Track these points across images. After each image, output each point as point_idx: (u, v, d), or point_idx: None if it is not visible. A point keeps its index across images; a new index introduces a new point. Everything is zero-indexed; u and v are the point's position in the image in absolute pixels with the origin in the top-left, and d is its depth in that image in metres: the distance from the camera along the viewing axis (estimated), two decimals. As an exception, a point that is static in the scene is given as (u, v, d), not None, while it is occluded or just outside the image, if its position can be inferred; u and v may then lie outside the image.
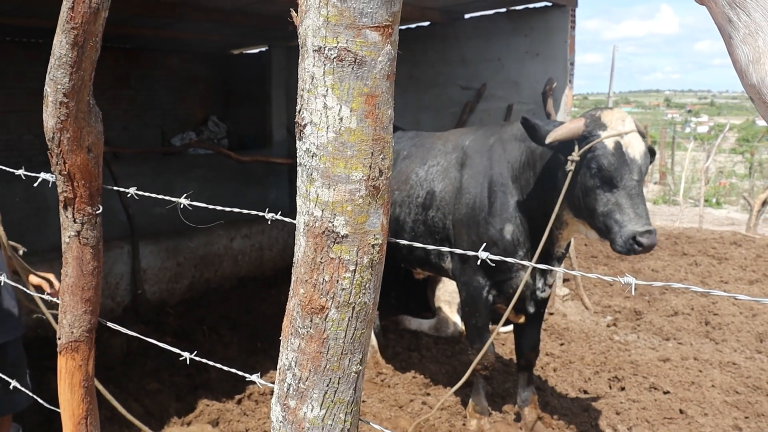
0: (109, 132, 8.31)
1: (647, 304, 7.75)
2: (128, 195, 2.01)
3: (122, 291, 7.14)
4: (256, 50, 10.69)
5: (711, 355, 6.19)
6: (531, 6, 7.57)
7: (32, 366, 5.57)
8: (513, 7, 7.69)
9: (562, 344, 6.54)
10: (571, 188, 3.92)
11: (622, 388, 5.55)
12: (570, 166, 3.84)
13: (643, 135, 3.93)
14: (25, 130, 8.15)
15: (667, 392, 5.46)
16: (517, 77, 7.75)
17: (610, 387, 5.60)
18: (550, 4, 7.32)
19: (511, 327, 6.65)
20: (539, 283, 4.57)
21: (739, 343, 6.53)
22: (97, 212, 1.92)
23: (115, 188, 2.17)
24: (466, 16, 8.20)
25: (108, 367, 5.57)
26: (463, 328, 6.73)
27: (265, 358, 5.95)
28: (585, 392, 5.49)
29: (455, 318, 6.77)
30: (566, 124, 3.91)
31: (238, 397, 5.32)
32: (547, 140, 3.87)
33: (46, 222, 7.17)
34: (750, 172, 20.37)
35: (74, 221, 1.88)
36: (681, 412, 5.13)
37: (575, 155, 3.82)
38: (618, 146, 3.77)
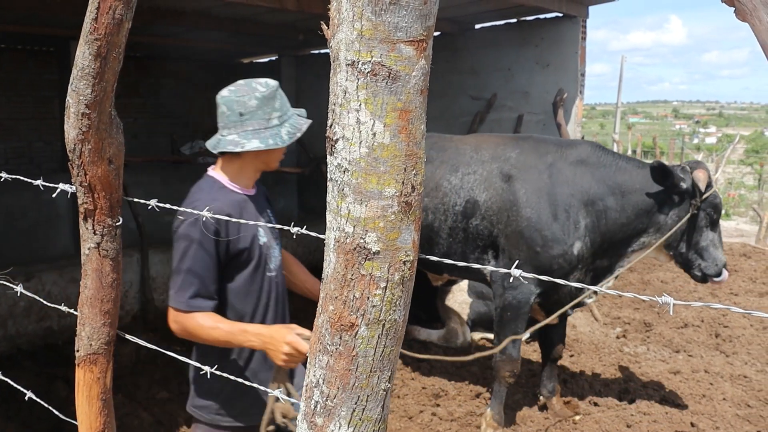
0: (119, 140, 8.36)
1: (657, 315, 7.72)
2: (149, 207, 2.00)
3: (131, 299, 7.14)
4: (266, 59, 10.71)
5: (722, 368, 6.15)
6: (542, 17, 7.58)
7: (40, 374, 5.58)
8: (523, 18, 7.69)
9: (572, 356, 6.51)
10: (673, 219, 4.69)
11: (633, 401, 5.52)
12: (693, 210, 4.59)
13: None
14: (36, 138, 8.16)
15: (678, 405, 5.42)
16: (528, 87, 7.75)
17: (621, 399, 5.57)
18: (560, 15, 7.32)
19: (525, 336, 6.69)
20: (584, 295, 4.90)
21: (749, 356, 6.49)
22: (117, 224, 1.91)
23: (135, 200, 2.16)
24: (477, 26, 8.21)
25: (117, 376, 5.48)
26: (472, 338, 6.72)
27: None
28: (595, 404, 5.46)
29: (464, 328, 6.75)
30: (699, 174, 4.58)
31: (248, 406, 5.30)
32: (701, 188, 4.57)
33: (57, 229, 7.18)
34: (759, 183, 20.32)
35: (94, 233, 1.87)
36: (692, 425, 5.09)
37: (707, 194, 4.61)
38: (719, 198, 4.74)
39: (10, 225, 6.83)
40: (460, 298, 6.87)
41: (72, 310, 2.09)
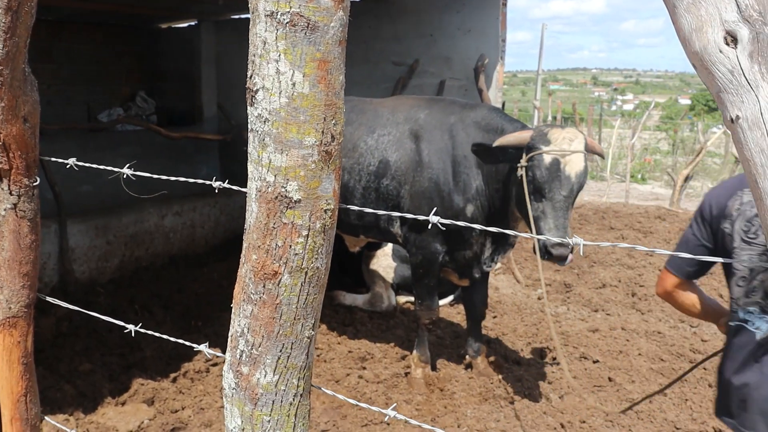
0: (33, 108, 8.08)
1: (576, 277, 7.94)
2: (67, 167, 1.96)
3: (50, 271, 6.96)
4: (185, 25, 10.48)
5: (638, 325, 6.38)
6: (463, -18, 7.61)
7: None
8: (445, -17, 7.71)
9: (494, 317, 6.66)
10: (517, 191, 4.45)
11: (554, 358, 5.69)
12: (520, 171, 4.28)
13: (594, 152, 4.49)
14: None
15: (597, 361, 5.61)
16: (450, 53, 7.80)
17: (542, 357, 5.74)
18: (482, -20, 7.37)
19: (449, 299, 6.84)
20: (487, 258, 5.07)
21: (663, 314, 6.75)
22: (35, 184, 1.87)
23: (53, 159, 2.12)
24: (399, -9, 8.20)
25: (38, 349, 5.35)
26: (396, 302, 6.80)
27: (199, 336, 5.88)
28: (518, 363, 5.61)
29: (389, 293, 6.82)
30: (516, 133, 4.39)
31: (173, 375, 5.27)
32: (495, 144, 4.38)
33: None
34: (673, 148, 20.96)
35: (10, 193, 1.83)
36: (610, 379, 5.29)
37: (523, 161, 4.25)
38: (555, 162, 4.18)
39: None
40: (384, 262, 6.93)
41: (-11, 274, 2.04)
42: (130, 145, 8.60)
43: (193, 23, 10.09)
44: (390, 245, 6.88)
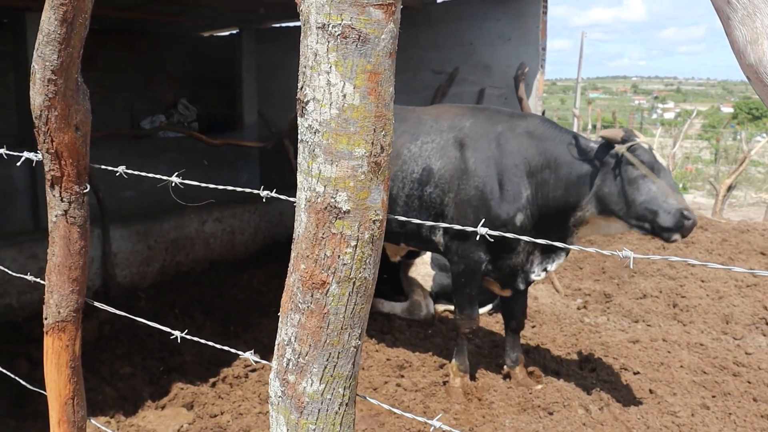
0: (78, 114, 8.20)
1: (616, 287, 7.86)
2: (117, 174, 2.00)
3: (93, 275, 7.07)
4: (227, 33, 10.61)
5: (679, 337, 6.30)
6: (503, -9, 7.60)
7: (1, 351, 5.53)
8: (485, -8, 7.70)
9: (533, 326, 6.61)
10: (603, 186, 4.63)
11: (593, 370, 5.64)
12: (612, 159, 4.57)
13: None
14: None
15: (637, 373, 5.55)
16: (489, 61, 7.78)
17: (581, 368, 5.68)
18: (522, -11, 7.35)
19: (488, 308, 6.81)
20: (535, 268, 5.08)
21: (705, 325, 6.65)
22: (85, 191, 1.91)
23: (103, 167, 2.16)
24: (438, 0, 8.21)
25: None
26: (434, 310, 6.79)
27: (238, 342, 5.93)
28: (557, 374, 5.56)
29: (428, 301, 6.81)
30: (610, 130, 4.69)
31: (212, 380, 5.32)
32: (600, 134, 4.69)
33: (15, 205, 7.08)
34: (715, 157, 20.66)
35: (62, 200, 1.87)
36: (651, 392, 5.22)
37: (622, 148, 4.52)
38: (651, 148, 4.59)
39: (-34, 201, 6.73)
40: (423, 270, 6.93)
41: (39, 279, 2.08)
42: (172, 151, 8.71)
43: (234, 31, 10.20)
44: (428, 253, 6.88)
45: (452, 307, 6.87)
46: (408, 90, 8.30)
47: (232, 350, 1.81)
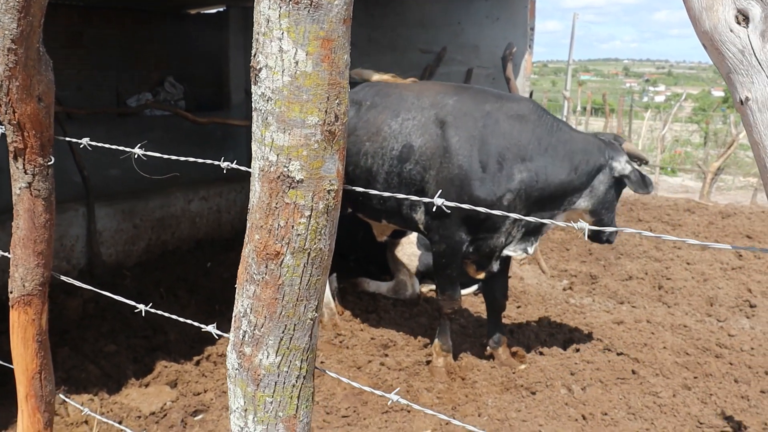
0: (62, 92, 8.09)
1: (603, 268, 7.87)
2: (80, 146, 1.97)
3: (78, 253, 7.04)
4: (214, 10, 10.51)
5: (663, 318, 6.32)
6: (492, -31, 7.54)
7: (-16, 329, 5.51)
8: (474, -29, 7.64)
9: (518, 307, 6.62)
10: (606, 192, 4.94)
11: (577, 350, 5.65)
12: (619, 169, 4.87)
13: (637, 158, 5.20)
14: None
15: (621, 353, 5.56)
16: (477, 41, 7.74)
17: (565, 348, 5.69)
18: (510, -33, 7.30)
19: (473, 288, 6.80)
20: (515, 247, 5.13)
21: (690, 307, 6.67)
22: (49, 163, 1.88)
23: (67, 139, 2.13)
24: (427, -22, 8.15)
25: (64, 330, 5.51)
26: (420, 290, 6.79)
27: (223, 320, 5.85)
28: (541, 353, 5.57)
29: (413, 281, 6.81)
30: (629, 146, 5.01)
31: (196, 358, 5.31)
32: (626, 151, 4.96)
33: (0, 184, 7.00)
34: (705, 141, 20.67)
35: (25, 172, 1.84)
36: (633, 372, 5.23)
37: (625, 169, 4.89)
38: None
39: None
40: (409, 250, 6.92)
41: (5, 253, 2.06)
42: (158, 130, 8.64)
43: (221, 9, 10.11)
44: (415, 233, 6.87)
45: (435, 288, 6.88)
46: (395, 69, 8.21)
47: (196, 324, 1.80)
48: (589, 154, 4.85)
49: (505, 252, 5.10)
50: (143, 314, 2.04)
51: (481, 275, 5.29)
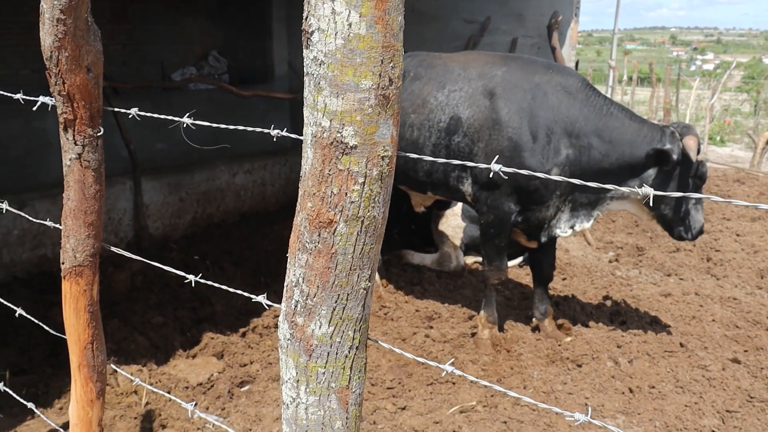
0: (108, 67, 8.15)
1: (649, 240, 7.75)
2: (129, 116, 1.97)
3: (125, 227, 7.13)
4: (256, -17, 10.48)
5: (712, 291, 6.21)
6: (537, -64, 7.41)
7: (36, 301, 5.62)
8: (519, -62, 7.52)
9: (564, 279, 6.56)
10: (663, 184, 4.76)
11: (624, 322, 5.58)
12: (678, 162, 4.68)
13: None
14: (22, 65, 8.02)
15: (668, 326, 5.48)
16: (522, 10, 7.63)
17: (612, 321, 5.63)
18: (556, -66, 7.15)
19: (518, 260, 6.76)
20: (562, 224, 5.05)
21: (740, 279, 6.55)
22: (99, 134, 1.88)
23: (116, 109, 2.13)
24: (471, -54, 8.03)
25: (113, 302, 5.59)
26: (464, 262, 6.75)
27: (269, 292, 5.89)
28: (587, 326, 5.52)
29: (458, 252, 6.78)
30: (690, 142, 4.63)
31: (242, 330, 5.36)
32: (693, 157, 4.64)
33: (48, 158, 7.11)
34: (755, 110, 20.16)
35: (75, 143, 1.84)
36: (681, 345, 5.16)
37: (699, 157, 4.67)
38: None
39: (0, 154, 6.77)
40: (453, 222, 6.88)
41: (57, 225, 2.07)
42: (202, 103, 8.68)
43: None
44: (460, 205, 6.82)
45: (481, 259, 6.85)
46: (440, 39, 8.17)
47: (246, 294, 1.79)
48: (636, 147, 4.72)
49: (555, 231, 5.06)
50: (193, 285, 2.04)
51: (533, 244, 5.26)
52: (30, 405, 2.90)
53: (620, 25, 11.65)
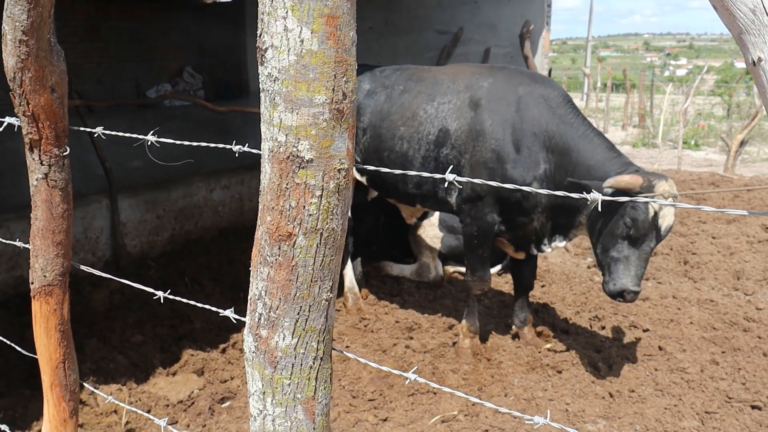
0: (83, 85, 8.15)
1: (627, 244, 7.81)
2: (96, 135, 1.97)
3: (102, 245, 7.09)
4: (230, -1, 10.50)
5: (689, 294, 6.27)
6: (507, -54, 7.48)
7: (12, 322, 5.58)
8: (489, -51, 7.59)
9: (543, 286, 6.60)
10: (596, 220, 4.50)
11: (603, 327, 5.63)
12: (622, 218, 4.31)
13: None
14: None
15: (647, 330, 5.53)
16: (494, 20, 7.69)
17: (591, 326, 5.67)
18: (526, -56, 7.23)
19: (497, 268, 6.78)
20: (546, 239, 4.99)
21: (716, 281, 6.61)
22: (65, 154, 1.89)
23: (81, 129, 2.14)
24: (442, -42, 8.10)
25: (91, 322, 5.56)
26: (443, 272, 6.78)
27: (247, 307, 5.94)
28: (566, 332, 5.55)
29: (436, 263, 6.80)
30: (627, 177, 4.24)
31: (222, 346, 5.34)
32: (607, 185, 4.26)
33: (23, 178, 7.04)
34: (728, 113, 20.40)
35: (41, 163, 1.85)
36: (660, 348, 5.21)
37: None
38: (656, 215, 4.22)
39: (-26, 175, 6.73)
40: (431, 232, 6.91)
41: (26, 245, 2.07)
42: (178, 120, 8.66)
43: (237, -3, 10.10)
44: (437, 215, 6.85)
45: (461, 269, 6.88)
46: (413, 51, 8.22)
47: (214, 309, 1.80)
48: (594, 173, 4.48)
49: (542, 246, 5.00)
50: (165, 303, 2.04)
51: (521, 255, 5.27)
52: (4, 428, 2.88)
53: (594, 32, 11.78)
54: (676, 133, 15.54)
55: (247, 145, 1.84)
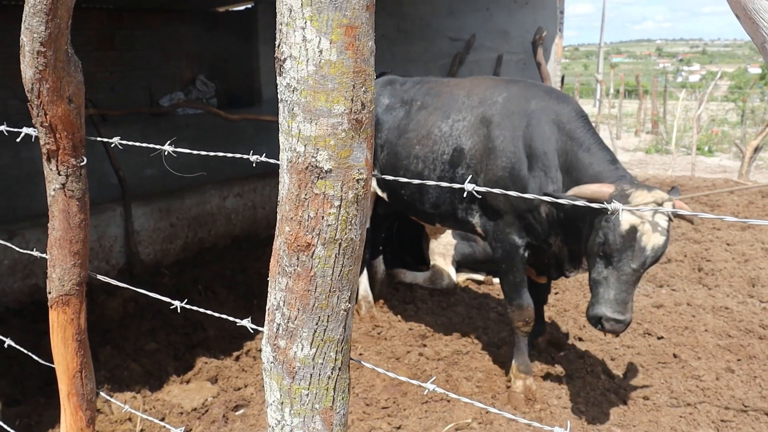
0: (96, 94, 8.21)
1: (641, 251, 7.78)
2: (112, 145, 1.98)
3: (116, 253, 7.12)
4: (242, 7, 10.56)
5: (704, 301, 6.23)
6: (519, -46, 7.48)
7: (28, 330, 5.60)
8: (501, -44, 7.59)
9: (557, 293, 6.57)
10: (586, 239, 4.00)
11: (617, 335, 5.59)
12: (597, 236, 3.85)
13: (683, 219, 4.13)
14: (10, 95, 8.04)
15: (661, 337, 5.50)
16: (507, 27, 7.68)
17: (605, 334, 5.63)
18: (538, -49, 7.23)
19: (480, 276, 6.79)
20: (567, 265, 4.62)
21: (731, 288, 6.57)
22: (82, 164, 1.90)
23: (98, 139, 2.15)
24: (454, -35, 8.11)
25: (105, 330, 5.58)
26: (458, 279, 6.77)
27: (261, 315, 5.90)
28: (580, 339, 5.53)
29: (450, 270, 6.79)
30: (594, 186, 3.88)
31: (235, 353, 5.35)
32: (571, 192, 3.89)
33: (38, 187, 7.09)
34: (742, 119, 20.30)
35: (58, 173, 1.86)
36: (675, 356, 5.18)
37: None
38: (632, 230, 3.71)
39: (-10, 184, 6.78)
40: (444, 240, 6.90)
41: (42, 254, 2.08)
42: (191, 128, 8.71)
43: (249, 5, 10.16)
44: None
45: (474, 276, 6.86)
46: (426, 58, 8.23)
47: (231, 318, 1.80)
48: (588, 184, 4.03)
49: (564, 271, 4.66)
50: (180, 311, 2.05)
51: (543, 280, 5.02)
52: (21, 436, 2.89)
53: (606, 38, 11.75)
54: (689, 140, 15.48)
55: (263, 154, 1.84)
